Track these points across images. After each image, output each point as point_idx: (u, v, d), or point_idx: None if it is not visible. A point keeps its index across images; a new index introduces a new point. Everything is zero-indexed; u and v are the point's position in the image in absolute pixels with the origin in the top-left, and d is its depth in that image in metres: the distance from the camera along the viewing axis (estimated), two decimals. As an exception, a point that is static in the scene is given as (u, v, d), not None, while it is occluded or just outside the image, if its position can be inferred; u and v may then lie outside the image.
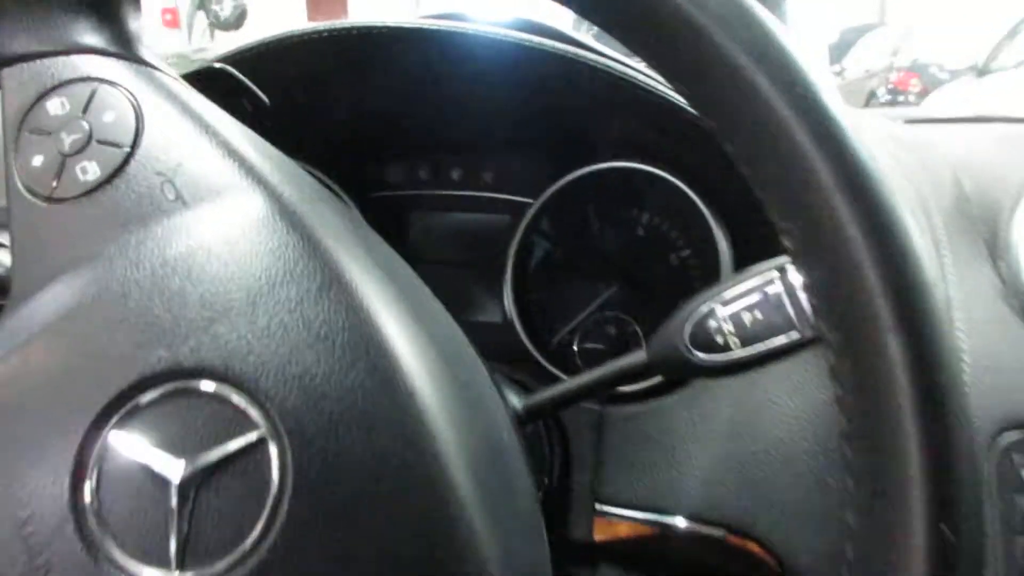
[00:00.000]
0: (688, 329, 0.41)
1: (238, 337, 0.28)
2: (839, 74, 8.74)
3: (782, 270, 0.39)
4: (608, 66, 0.54)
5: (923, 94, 7.11)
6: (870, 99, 7.99)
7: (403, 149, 0.72)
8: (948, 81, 6.66)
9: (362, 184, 0.73)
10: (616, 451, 0.58)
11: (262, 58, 0.57)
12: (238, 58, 0.57)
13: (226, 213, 0.32)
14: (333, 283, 0.31)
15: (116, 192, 0.32)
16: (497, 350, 0.67)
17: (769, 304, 0.39)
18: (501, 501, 0.32)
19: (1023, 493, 0.46)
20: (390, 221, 0.73)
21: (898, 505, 0.25)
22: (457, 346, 0.37)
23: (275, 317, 0.29)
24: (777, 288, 0.39)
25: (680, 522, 0.55)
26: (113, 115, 0.34)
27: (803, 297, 0.38)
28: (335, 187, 0.70)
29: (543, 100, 0.62)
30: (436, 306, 0.38)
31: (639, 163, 0.62)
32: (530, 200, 0.67)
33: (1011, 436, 0.47)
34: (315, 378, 0.28)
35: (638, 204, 0.67)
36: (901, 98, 7.59)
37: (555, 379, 0.65)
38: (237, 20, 3.89)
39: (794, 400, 0.53)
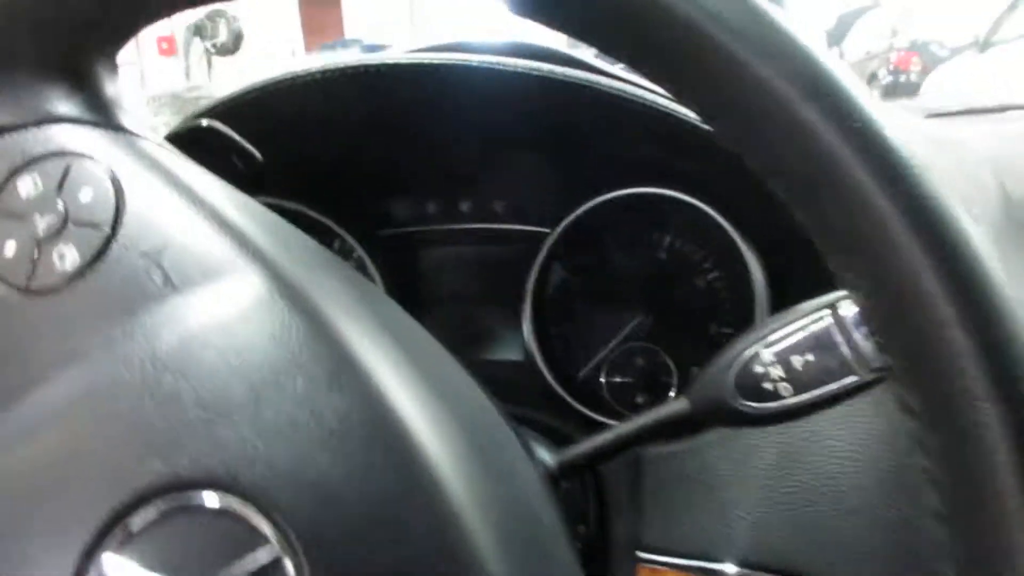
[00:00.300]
0: (733, 375, 0.38)
1: (242, 440, 0.25)
2: (839, 58, 8.68)
3: (833, 308, 0.36)
4: (617, 89, 0.51)
5: (925, 72, 7.04)
6: (871, 81, 7.94)
7: (408, 184, 0.69)
8: (949, 58, 6.60)
9: (367, 222, 0.70)
10: (656, 493, 0.55)
11: (255, 104, 0.54)
12: (230, 106, 0.54)
13: (221, 296, 0.29)
14: (344, 368, 0.27)
15: (98, 279, 0.29)
16: (518, 389, 0.64)
17: (821, 345, 0.36)
18: None
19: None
20: (398, 259, 0.70)
21: None
22: (482, 416, 0.34)
23: (282, 414, 0.26)
24: (829, 328, 0.36)
25: (729, 569, 0.51)
26: (90, 192, 0.30)
27: (859, 337, 0.35)
28: (338, 229, 0.67)
29: (551, 128, 0.59)
30: (455, 371, 0.35)
31: (657, 187, 0.59)
32: (544, 230, 0.64)
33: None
34: (331, 482, 0.25)
35: (659, 227, 0.63)
36: (903, 78, 7.53)
37: (582, 417, 0.62)
38: (234, 44, 3.87)
39: (843, 432, 0.49)
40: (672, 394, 0.63)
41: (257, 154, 0.42)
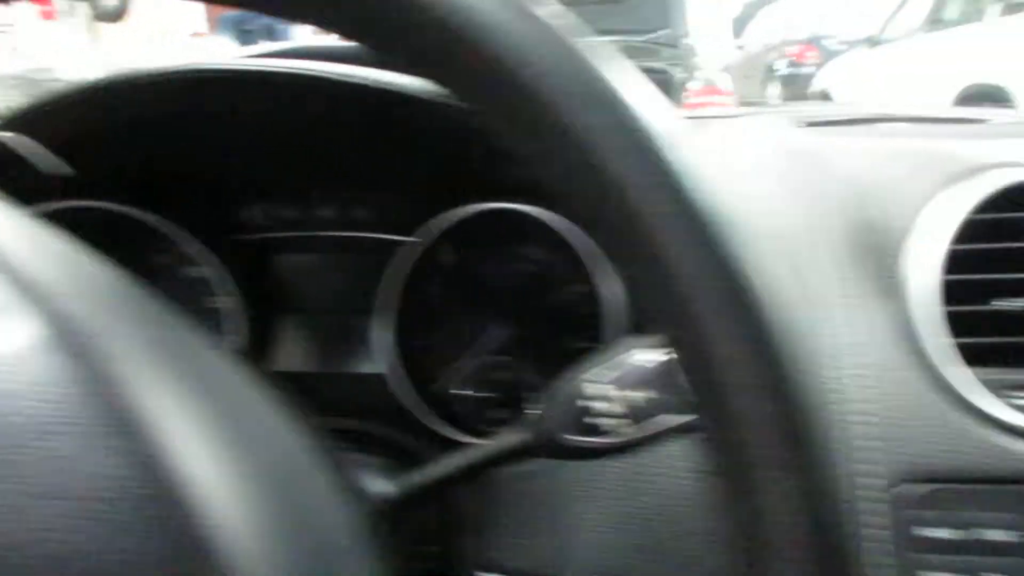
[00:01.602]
0: (571, 409, 0.38)
1: None
2: (740, 48, 8.90)
3: None
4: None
5: (821, 65, 7.27)
6: (768, 72, 8.17)
7: (262, 189, 0.66)
8: (844, 52, 6.84)
9: (217, 228, 0.66)
10: (502, 512, 0.54)
11: (76, 106, 0.50)
12: (49, 109, 0.50)
13: None
14: (125, 427, 0.25)
15: None
16: (378, 404, 0.62)
17: (662, 382, 0.36)
18: None
19: (918, 551, 0.44)
20: (252, 266, 0.67)
21: None
22: (288, 464, 0.32)
23: (45, 478, 0.23)
24: (670, 364, 0.35)
25: (565, 586, 0.51)
26: None
27: None
28: (177, 235, 0.63)
29: (403, 139, 0.56)
30: (265, 417, 0.32)
31: (515, 200, 0.58)
32: (406, 239, 0.62)
33: (907, 489, 0.45)
34: (104, 560, 0.23)
35: (520, 239, 0.62)
36: (802, 70, 7.75)
37: (434, 434, 0.61)
38: (117, 12, 3.68)
39: (683, 457, 0.50)
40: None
41: (63, 165, 0.39)
